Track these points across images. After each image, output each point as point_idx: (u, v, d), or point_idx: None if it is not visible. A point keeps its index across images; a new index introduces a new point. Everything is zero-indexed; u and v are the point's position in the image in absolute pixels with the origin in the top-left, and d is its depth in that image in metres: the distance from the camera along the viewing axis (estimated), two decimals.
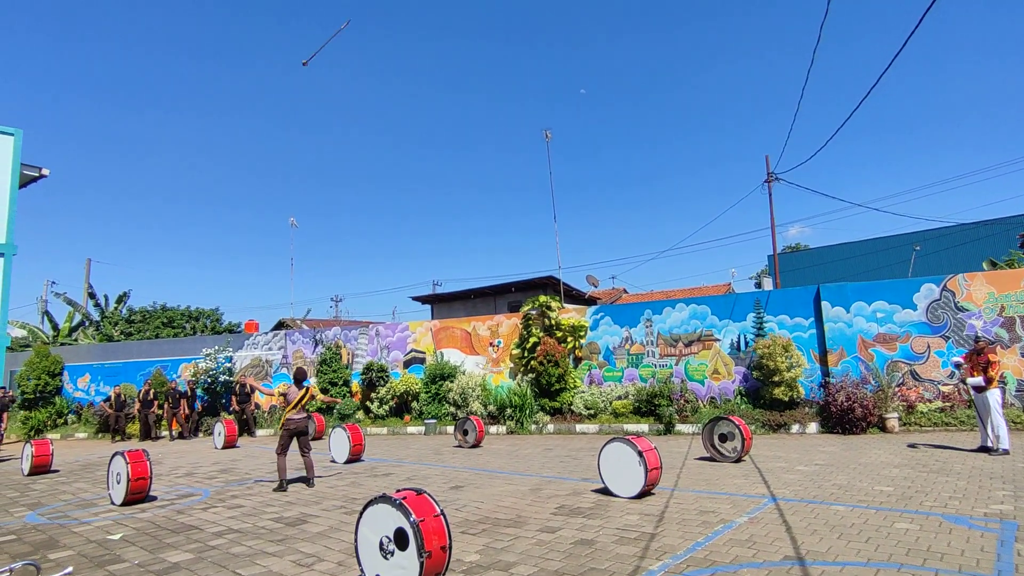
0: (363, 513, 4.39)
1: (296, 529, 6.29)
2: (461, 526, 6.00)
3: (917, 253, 27.23)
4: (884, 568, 4.29)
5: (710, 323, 14.94)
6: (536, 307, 16.52)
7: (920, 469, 7.98)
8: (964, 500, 6.21)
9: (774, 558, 4.61)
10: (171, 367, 21.64)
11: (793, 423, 12.70)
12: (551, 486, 8.02)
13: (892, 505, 6.11)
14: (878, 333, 13.25)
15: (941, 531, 5.14)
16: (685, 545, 5.04)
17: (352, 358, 19.39)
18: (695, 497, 6.89)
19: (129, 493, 7.90)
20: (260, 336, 21.30)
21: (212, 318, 35.16)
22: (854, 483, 7.28)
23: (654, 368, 15.31)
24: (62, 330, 31.71)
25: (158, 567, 5.17)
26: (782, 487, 7.21)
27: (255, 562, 5.18)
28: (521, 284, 23.64)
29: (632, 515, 6.18)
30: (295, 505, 7.53)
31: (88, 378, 22.85)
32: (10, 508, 8.21)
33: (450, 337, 18.25)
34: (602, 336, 16.19)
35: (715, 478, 7.99)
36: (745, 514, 6.00)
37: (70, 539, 6.30)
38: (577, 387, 15.88)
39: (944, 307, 12.89)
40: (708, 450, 9.43)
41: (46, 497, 8.96)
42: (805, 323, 13.93)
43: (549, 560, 4.84)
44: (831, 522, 5.56)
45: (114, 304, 34.32)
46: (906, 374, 12.90)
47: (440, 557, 4.12)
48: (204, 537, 6.14)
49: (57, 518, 7.43)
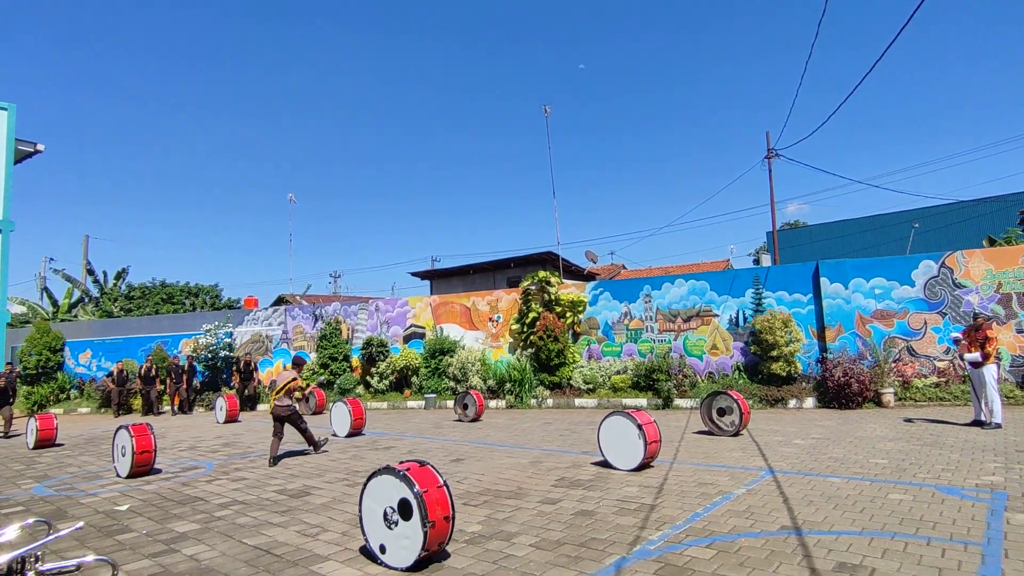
0: (367, 484, 4.46)
1: (300, 501, 6.39)
2: (463, 498, 6.10)
3: (916, 231, 27.21)
4: (878, 537, 4.39)
5: (709, 299, 14.99)
6: (535, 282, 16.54)
7: (914, 442, 8.10)
8: (956, 472, 6.32)
9: (771, 528, 4.71)
10: (171, 343, 21.72)
11: (790, 398, 12.83)
12: (551, 459, 8.14)
13: (886, 477, 6.21)
14: (876, 309, 13.31)
15: (934, 501, 5.24)
16: (684, 516, 5.14)
17: (352, 333, 19.46)
18: (694, 470, 7.00)
19: (134, 466, 8.00)
20: (260, 312, 21.34)
21: (211, 294, 35.16)
22: (850, 456, 7.39)
23: (653, 343, 15.40)
24: (61, 306, 31.72)
25: (166, 536, 5.27)
26: (779, 460, 7.32)
27: (261, 532, 5.28)
28: (520, 260, 23.63)
29: (631, 487, 6.28)
30: (298, 478, 7.64)
31: (89, 354, 22.94)
32: (17, 480, 8.32)
33: (450, 312, 18.31)
34: (601, 311, 16.24)
35: (713, 451, 8.11)
36: (743, 486, 6.11)
37: (78, 510, 6.40)
38: (576, 362, 15.98)
39: (942, 284, 12.94)
40: (706, 424, 9.55)
41: (52, 470, 9.07)
42: (804, 299, 13.98)
43: (550, 530, 4.93)
44: (827, 493, 5.66)
45: (113, 280, 34.27)
46: (903, 350, 13.00)
47: (443, 527, 4.20)
48: (210, 508, 6.24)
49: (64, 490, 7.54)
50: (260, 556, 4.63)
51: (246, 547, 4.87)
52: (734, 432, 9.23)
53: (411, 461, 4.49)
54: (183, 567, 4.46)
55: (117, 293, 32.95)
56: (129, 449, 8.02)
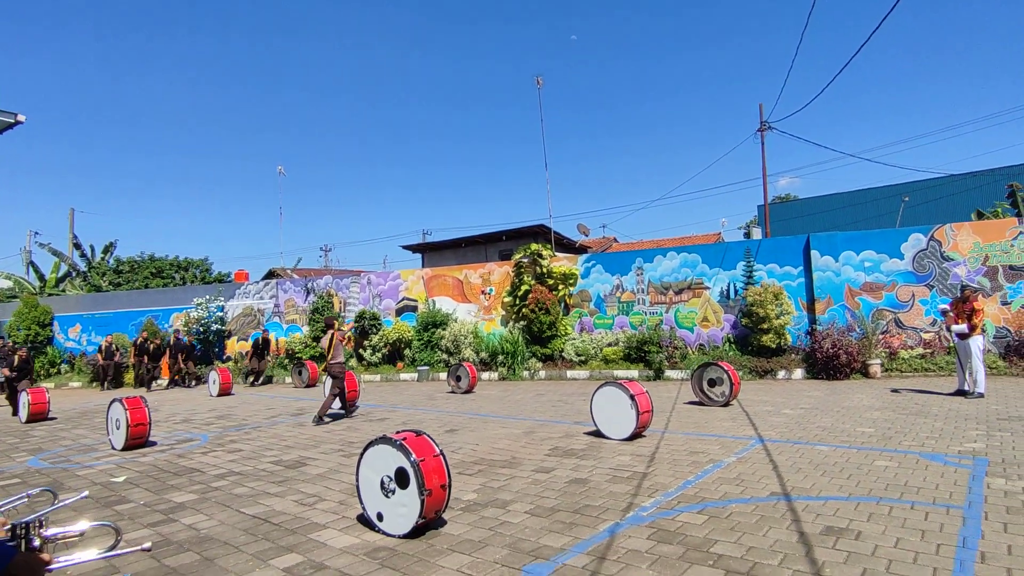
0: (364, 454, 4.51)
1: (296, 471, 6.45)
2: (458, 467, 6.19)
3: (906, 204, 27.30)
4: (864, 501, 4.51)
5: (700, 271, 15.06)
6: (528, 255, 16.54)
7: (900, 412, 8.27)
8: (940, 439, 6.47)
9: (761, 494, 4.82)
10: (162, 317, 21.61)
11: (779, 369, 13.01)
12: (544, 429, 8.24)
13: (873, 445, 6.35)
14: (865, 282, 13.44)
15: (918, 468, 5.38)
16: (676, 483, 5.25)
17: (344, 306, 19.43)
18: (685, 439, 7.12)
19: (129, 438, 8.03)
20: (251, 285, 21.23)
21: (201, 268, 34.88)
22: (837, 425, 7.54)
23: (644, 315, 15.50)
24: (49, 281, 31.39)
25: (164, 506, 5.32)
26: (769, 429, 7.46)
27: (258, 502, 5.34)
28: (512, 232, 23.56)
29: (624, 456, 6.39)
30: (293, 449, 7.70)
31: (79, 328, 22.81)
32: (11, 453, 8.34)
33: (442, 285, 18.30)
34: (593, 284, 16.29)
35: (704, 421, 8.24)
36: (733, 454, 6.23)
37: (74, 482, 6.44)
38: (568, 334, 16.08)
39: (930, 256, 13.06)
40: (697, 395, 9.68)
41: (47, 443, 9.09)
42: (794, 272, 14.08)
43: (545, 498, 5.02)
44: (815, 461, 5.79)
45: (100, 255, 33.88)
46: (890, 322, 13.18)
47: (440, 495, 4.27)
48: (206, 479, 6.29)
49: (60, 462, 7.56)
50: (259, 525, 4.69)
51: (244, 516, 4.93)
52: (724, 402, 9.37)
53: (407, 431, 4.53)
54: (183, 536, 4.51)
55: (105, 267, 32.61)
56: (124, 422, 8.04)
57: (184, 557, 4.08)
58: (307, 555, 4.00)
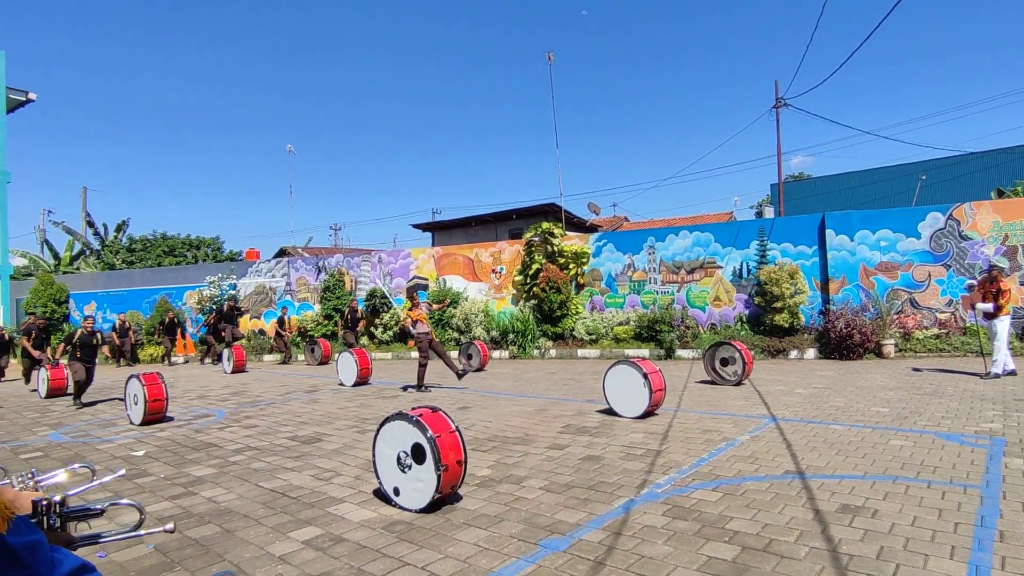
0: (380, 429, 4.54)
1: (312, 447, 6.53)
2: (471, 444, 6.23)
3: (923, 183, 26.85)
4: (879, 480, 4.50)
5: (713, 250, 14.95)
6: (539, 234, 16.48)
7: (915, 392, 8.22)
8: (956, 419, 6.43)
9: (775, 472, 4.82)
10: (175, 295, 21.80)
11: (792, 349, 12.95)
12: (556, 407, 8.28)
13: (888, 424, 6.33)
14: (880, 261, 13.29)
15: (934, 447, 5.36)
16: (690, 461, 5.26)
17: (355, 285, 19.50)
18: (698, 417, 7.12)
19: (147, 414, 8.15)
20: (263, 264, 21.33)
21: (213, 246, 35.08)
22: (851, 404, 7.51)
23: (656, 295, 15.44)
24: (63, 259, 31.69)
25: (184, 480, 5.41)
26: (782, 408, 7.45)
27: (276, 476, 5.42)
28: (522, 211, 23.46)
29: (637, 434, 6.41)
30: (308, 425, 7.79)
31: (94, 305, 23.07)
32: (33, 428, 8.50)
33: (452, 264, 18.30)
34: (604, 263, 16.23)
35: (717, 400, 8.24)
36: (747, 433, 6.23)
37: (95, 455, 6.55)
38: (579, 313, 16.08)
39: (948, 236, 12.87)
40: (709, 374, 9.67)
41: (67, 418, 9.25)
42: (808, 251, 13.94)
43: (559, 474, 5.06)
44: (829, 440, 5.78)
45: (113, 233, 34.12)
46: (905, 302, 13.05)
47: (456, 471, 4.31)
48: (224, 454, 6.38)
49: (80, 437, 7.70)
50: (277, 498, 4.76)
51: (263, 490, 5.00)
52: (736, 382, 9.35)
53: (423, 407, 4.56)
54: (203, 508, 4.59)
55: (118, 246, 32.87)
56: (141, 397, 8.16)
57: (205, 529, 4.15)
58: (325, 528, 4.06)
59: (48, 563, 1.07)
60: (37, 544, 1.06)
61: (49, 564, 1.07)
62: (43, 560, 1.06)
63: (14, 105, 23.99)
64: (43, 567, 1.05)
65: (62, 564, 1.09)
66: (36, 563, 1.04)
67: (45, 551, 1.07)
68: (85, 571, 1.13)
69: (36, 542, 1.06)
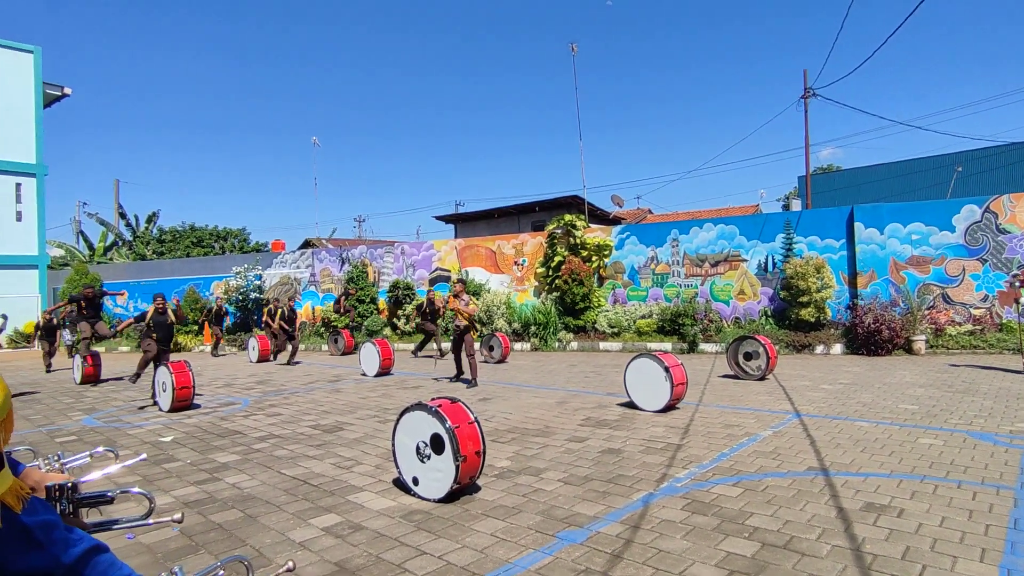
0: (400, 419, 4.58)
1: (334, 436, 6.61)
2: (491, 435, 6.24)
3: (958, 175, 26.01)
4: (906, 479, 4.39)
5: (738, 243, 14.72)
6: (561, 226, 16.41)
7: (945, 389, 8.01)
8: (990, 418, 6.25)
9: (798, 469, 4.74)
10: (203, 285, 22.23)
11: (818, 344, 12.72)
12: (577, 399, 8.25)
13: (916, 422, 6.18)
14: (912, 255, 12.95)
15: (965, 447, 5.21)
16: (711, 455, 5.20)
17: (378, 276, 19.67)
18: (720, 412, 7.04)
19: (175, 401, 8.33)
20: (288, 255, 21.63)
21: (240, 238, 35.69)
22: (878, 401, 7.35)
23: (679, 288, 15.28)
24: (97, 249, 32.53)
25: (209, 466, 5.52)
26: (806, 404, 7.32)
27: (298, 464, 5.50)
28: (545, 203, 23.37)
29: (658, 427, 6.36)
30: (331, 414, 7.89)
31: (126, 295, 23.64)
32: (68, 412, 8.76)
33: (475, 256, 18.33)
34: (627, 256, 16.10)
35: (739, 395, 8.13)
36: (769, 428, 6.14)
37: (126, 440, 6.73)
38: (601, 306, 15.99)
39: (984, 229, 12.48)
40: (732, 368, 9.54)
41: (100, 403, 9.51)
42: (836, 244, 13.64)
43: (578, 467, 5.04)
44: (855, 437, 5.66)
45: (144, 224, 34.92)
46: (937, 297, 12.71)
47: (474, 461, 4.32)
48: (248, 441, 6.50)
49: (112, 422, 7.91)
50: (299, 486, 4.83)
51: (285, 477, 5.08)
52: (760, 376, 9.22)
53: (443, 398, 4.58)
54: (227, 494, 4.68)
55: (149, 236, 33.63)
56: (170, 385, 8.34)
57: (228, 514, 4.23)
58: (345, 516, 4.10)
59: (63, 542, 1.09)
60: (52, 524, 1.08)
61: (63, 543, 1.09)
62: (58, 539, 1.08)
63: (50, 100, 24.64)
64: (57, 546, 1.07)
65: (76, 544, 1.11)
66: (51, 542, 1.06)
67: (60, 530, 1.10)
68: (98, 551, 1.15)
69: (51, 522, 1.08)
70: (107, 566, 1.14)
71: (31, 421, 8.11)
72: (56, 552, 1.07)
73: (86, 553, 1.12)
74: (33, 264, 23.02)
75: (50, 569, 1.06)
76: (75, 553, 1.10)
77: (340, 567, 3.32)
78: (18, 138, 22.43)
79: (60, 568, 1.07)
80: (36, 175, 22.96)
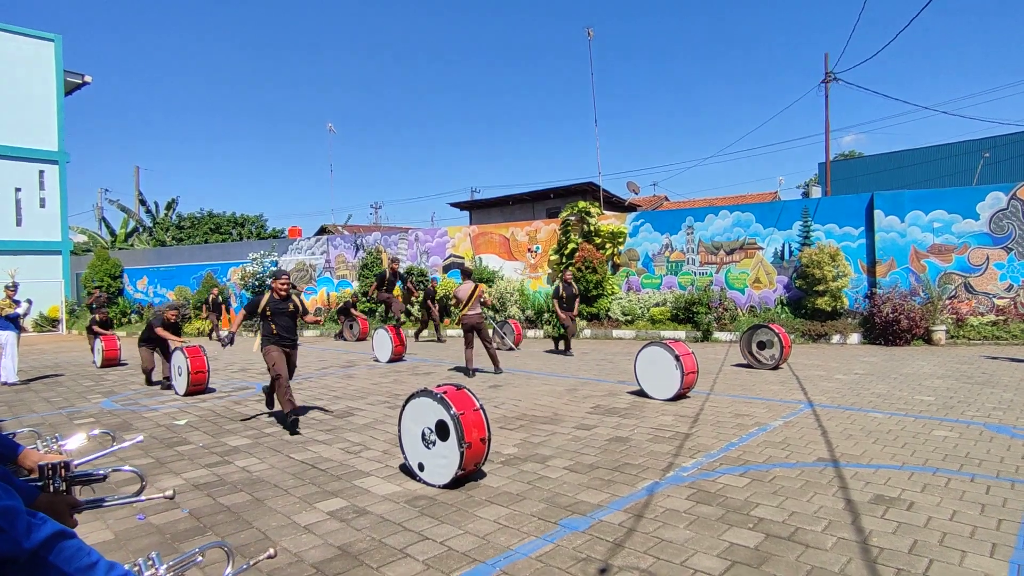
0: (405, 406, 4.59)
1: (343, 421, 6.67)
2: (499, 422, 6.25)
3: (985, 161, 25.29)
4: (919, 472, 4.32)
5: (754, 231, 14.52)
6: (575, 213, 16.30)
7: (964, 380, 7.85)
8: (1008, 411, 6.12)
9: (808, 459, 4.68)
10: (220, 271, 22.50)
11: (834, 333, 12.53)
12: (587, 387, 8.23)
13: (932, 414, 6.06)
14: (933, 244, 12.67)
15: (981, 439, 5.11)
16: (719, 445, 5.16)
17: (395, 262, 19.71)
18: (730, 401, 6.97)
19: (190, 385, 8.46)
20: (303, 241, 21.78)
21: (257, 224, 36.01)
22: (894, 392, 7.23)
23: (693, 276, 15.14)
24: (118, 236, 33.06)
25: (220, 449, 5.60)
26: (819, 394, 7.22)
27: (307, 448, 5.55)
28: (560, 190, 23.23)
29: (667, 416, 6.32)
30: (341, 399, 7.95)
31: (146, 280, 24.03)
32: (87, 395, 8.94)
33: (488, 242, 18.30)
34: (641, 243, 15.97)
35: (751, 384, 8.05)
36: (780, 418, 6.07)
37: (141, 423, 6.85)
38: (615, 293, 15.91)
39: (1011, 217, 12.15)
40: (746, 357, 9.45)
41: (118, 386, 9.70)
42: (855, 232, 13.39)
43: (584, 455, 5.03)
44: (867, 428, 5.57)
45: (164, 211, 35.37)
46: (959, 286, 12.44)
47: (479, 448, 4.32)
48: (259, 425, 6.58)
49: (129, 405, 8.06)
50: (306, 470, 4.88)
51: (293, 461, 5.14)
52: (774, 366, 9.11)
53: (448, 385, 4.58)
54: (236, 477, 4.75)
55: (168, 223, 34.06)
56: (185, 369, 8.47)
57: (237, 497, 4.29)
58: (351, 500, 4.14)
59: (25, 527, 1.09)
60: (13, 509, 1.08)
61: (26, 528, 1.09)
62: (20, 524, 1.09)
63: (71, 88, 24.95)
64: (19, 531, 1.08)
65: (38, 529, 1.12)
66: (11, 527, 1.07)
67: (22, 516, 1.10)
68: (64, 537, 1.15)
69: (11, 507, 1.08)
70: (73, 551, 1.14)
71: (51, 403, 8.30)
72: (17, 537, 1.07)
73: (50, 538, 1.12)
74: (57, 250, 23.46)
75: (12, 554, 1.06)
76: (38, 539, 1.10)
77: (343, 551, 3.35)
78: (40, 126, 22.78)
79: (22, 553, 1.08)
80: (58, 162, 23.33)
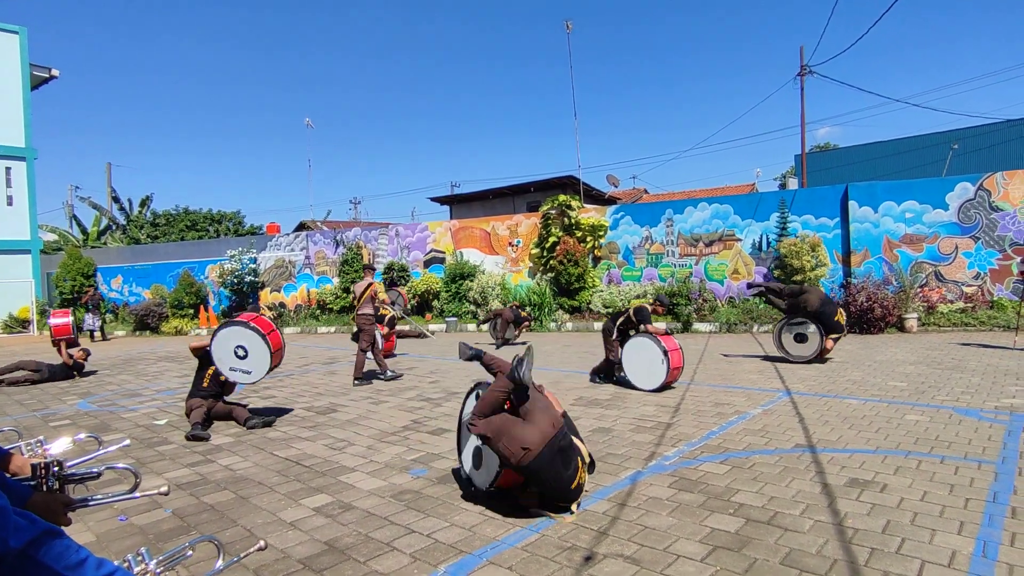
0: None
1: (326, 417, 6.65)
2: None
3: (955, 152, 25.88)
4: (892, 455, 4.45)
5: (732, 223, 14.71)
6: (556, 206, 16.36)
7: (935, 366, 8.07)
8: (976, 395, 6.31)
9: (786, 446, 4.80)
10: (198, 269, 22.16)
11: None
12: (570, 379, 8.30)
13: (904, 399, 6.24)
14: (905, 234, 12.97)
15: (951, 423, 5.27)
16: (700, 434, 5.26)
17: (373, 258, 19.63)
18: (711, 391, 7.09)
19: None
20: (283, 238, 21.55)
21: (234, 221, 35.51)
22: (868, 379, 7.41)
23: (673, 268, 15.30)
24: (90, 234, 32.35)
25: (203, 448, 5.56)
26: (797, 382, 7.38)
27: (291, 445, 5.53)
28: (540, 184, 23.27)
29: (649, 406, 6.41)
30: (324, 396, 7.92)
31: (120, 279, 23.56)
32: (63, 397, 8.77)
33: (469, 237, 18.29)
34: (622, 236, 16.09)
35: (731, 373, 8.19)
36: (759, 406, 6.19)
37: (120, 423, 6.76)
38: (596, 286, 16.02)
39: (977, 207, 12.48)
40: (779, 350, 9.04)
41: (94, 387, 9.53)
42: (830, 223, 13.65)
43: None
44: (843, 414, 5.72)
45: (138, 208, 34.70)
46: (930, 275, 12.75)
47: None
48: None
49: (107, 406, 7.93)
50: (291, 467, 4.87)
51: (277, 458, 5.12)
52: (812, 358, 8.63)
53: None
54: (220, 475, 4.72)
55: (143, 220, 33.43)
56: None
57: (221, 495, 4.27)
58: (336, 496, 4.14)
59: (12, 527, 1.10)
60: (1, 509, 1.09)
61: (13, 528, 1.10)
62: (8, 524, 1.09)
63: (38, 82, 24.27)
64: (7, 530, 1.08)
65: (26, 529, 1.12)
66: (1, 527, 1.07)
67: (9, 515, 1.11)
68: (52, 536, 1.16)
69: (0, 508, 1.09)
70: (62, 549, 1.15)
71: (25, 406, 8.14)
72: (4, 536, 1.08)
73: (39, 537, 1.13)
74: (26, 249, 22.87)
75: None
76: (25, 538, 1.11)
77: (330, 546, 3.36)
78: (6, 121, 22.13)
79: (9, 552, 1.08)
80: (26, 158, 22.71)
